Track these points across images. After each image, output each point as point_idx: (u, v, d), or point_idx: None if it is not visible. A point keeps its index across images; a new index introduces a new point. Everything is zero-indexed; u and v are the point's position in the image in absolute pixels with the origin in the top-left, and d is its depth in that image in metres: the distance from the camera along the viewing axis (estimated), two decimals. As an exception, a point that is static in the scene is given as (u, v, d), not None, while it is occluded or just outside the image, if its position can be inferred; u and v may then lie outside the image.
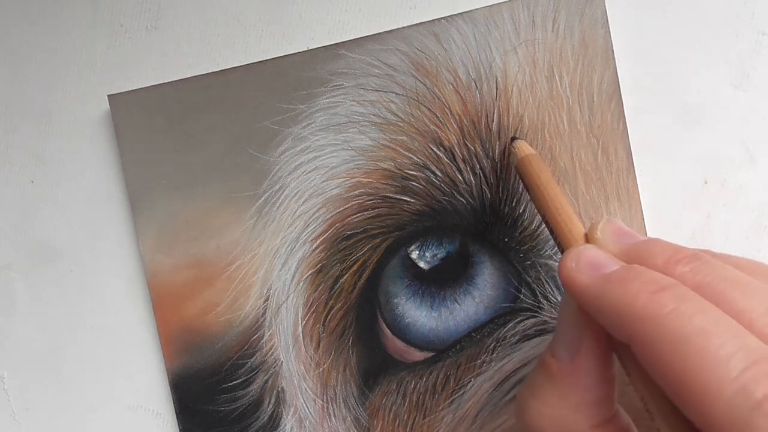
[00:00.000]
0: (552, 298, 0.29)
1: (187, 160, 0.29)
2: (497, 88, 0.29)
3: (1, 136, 0.31)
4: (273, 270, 0.29)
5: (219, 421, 0.29)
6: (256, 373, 0.29)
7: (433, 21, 0.29)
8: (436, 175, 0.29)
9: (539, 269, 0.29)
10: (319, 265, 0.29)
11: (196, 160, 0.29)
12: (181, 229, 0.29)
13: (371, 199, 0.29)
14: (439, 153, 0.29)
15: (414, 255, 0.29)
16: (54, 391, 0.31)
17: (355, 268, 0.29)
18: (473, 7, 0.29)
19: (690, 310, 0.17)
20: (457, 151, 0.29)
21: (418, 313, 0.29)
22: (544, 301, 0.29)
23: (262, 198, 0.29)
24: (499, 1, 0.29)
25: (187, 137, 0.30)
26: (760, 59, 0.29)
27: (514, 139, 0.28)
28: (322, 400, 0.29)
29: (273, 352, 0.29)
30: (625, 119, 0.29)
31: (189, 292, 0.29)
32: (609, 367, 0.21)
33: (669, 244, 0.20)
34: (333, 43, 0.29)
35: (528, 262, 0.29)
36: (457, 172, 0.29)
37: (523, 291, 0.29)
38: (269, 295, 0.29)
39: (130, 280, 0.30)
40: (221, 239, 0.29)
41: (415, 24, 0.29)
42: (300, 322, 0.29)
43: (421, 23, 0.29)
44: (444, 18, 0.29)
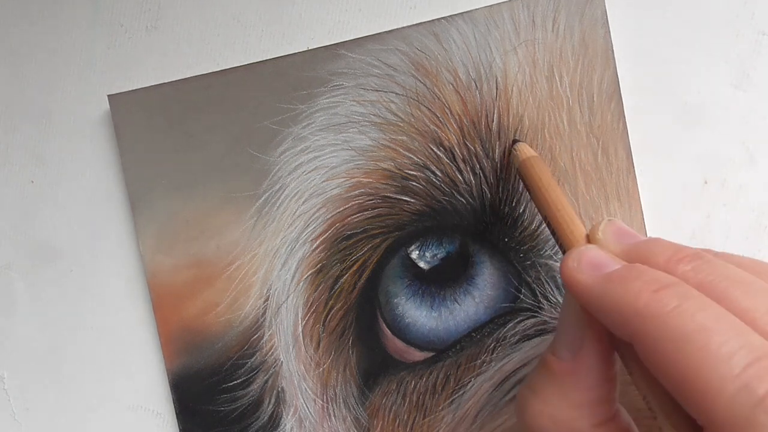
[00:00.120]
0: (552, 298, 0.29)
1: (187, 160, 0.29)
2: (497, 88, 0.29)
3: (1, 136, 0.31)
4: (273, 270, 0.29)
5: (219, 421, 0.29)
6: (256, 373, 0.29)
7: (433, 21, 0.29)
8: (436, 175, 0.29)
9: (539, 269, 0.29)
10: (319, 265, 0.29)
11: (196, 160, 0.29)
12: (181, 229, 0.29)
13: (371, 199, 0.29)
14: (439, 153, 0.29)
15: (414, 255, 0.29)
16: (54, 391, 0.31)
17: (355, 268, 0.29)
18: (473, 7, 0.29)
19: (692, 307, 0.17)
20: (457, 151, 0.29)
21: (418, 313, 0.29)
22: (544, 301, 0.29)
23: (262, 198, 0.29)
24: (499, 1, 0.29)
25: (187, 137, 0.30)
26: (760, 59, 0.29)
27: (515, 141, 0.28)
28: (322, 400, 0.29)
29: (273, 352, 0.29)
30: (625, 119, 0.29)
31: (189, 292, 0.29)
32: (611, 367, 0.21)
33: (670, 243, 0.20)
34: (333, 43, 0.29)
35: (528, 262, 0.29)
36: (457, 172, 0.29)
37: (523, 291, 0.29)
38: (269, 295, 0.29)
39: (130, 280, 0.30)
40: (221, 239, 0.29)
41: (415, 24, 0.29)
42: (300, 322, 0.29)
43: (421, 23, 0.29)
44: (444, 18, 0.29)
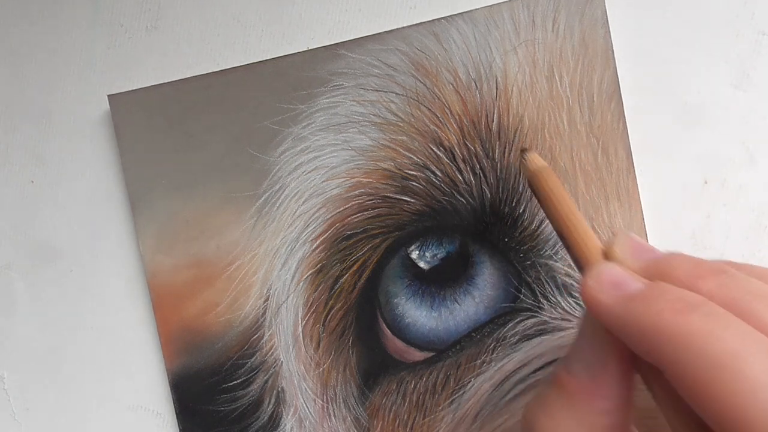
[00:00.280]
0: (552, 298, 0.29)
1: (187, 160, 0.29)
2: (497, 88, 0.29)
3: (1, 136, 0.31)
4: (273, 270, 0.29)
5: (219, 421, 0.29)
6: (256, 373, 0.29)
7: (433, 21, 0.29)
8: (436, 175, 0.29)
9: (539, 269, 0.29)
10: (319, 265, 0.29)
11: (196, 160, 0.29)
12: (181, 229, 0.29)
13: (371, 199, 0.29)
14: (439, 153, 0.29)
15: (414, 255, 0.29)
16: (54, 391, 0.31)
17: (355, 268, 0.29)
18: (473, 7, 0.29)
19: (720, 329, 0.16)
20: (457, 151, 0.29)
21: (418, 313, 0.29)
22: (544, 301, 0.29)
23: (262, 198, 0.29)
24: (499, 1, 0.29)
25: (187, 137, 0.30)
26: (760, 59, 0.29)
27: (524, 150, 0.27)
28: (322, 400, 0.29)
29: (273, 352, 0.29)
30: (625, 119, 0.29)
31: (189, 292, 0.29)
32: (630, 390, 0.20)
33: (691, 257, 0.20)
34: (333, 43, 0.29)
35: (528, 262, 0.29)
36: (457, 172, 0.29)
37: (523, 291, 0.29)
38: (269, 295, 0.29)
39: (130, 280, 0.30)
40: (221, 239, 0.29)
41: (415, 24, 0.29)
42: (300, 322, 0.29)
43: (421, 23, 0.29)
44: (444, 18, 0.29)
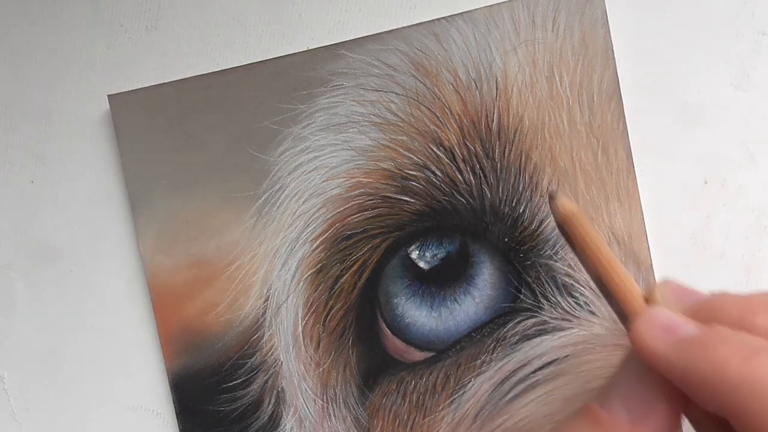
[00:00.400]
0: (552, 298, 0.29)
1: (187, 160, 0.29)
2: (497, 88, 0.29)
3: (1, 136, 0.31)
4: (273, 270, 0.29)
5: (219, 421, 0.29)
6: (256, 373, 0.29)
7: (433, 21, 0.29)
8: (436, 175, 0.29)
9: (539, 269, 0.29)
10: (319, 265, 0.29)
11: (196, 160, 0.29)
12: (181, 229, 0.29)
13: (371, 199, 0.29)
14: (439, 153, 0.29)
15: (414, 255, 0.29)
16: (54, 391, 0.31)
17: (355, 268, 0.29)
18: (473, 7, 0.29)
19: None
20: (457, 151, 0.29)
21: (418, 313, 0.29)
22: (544, 301, 0.29)
23: (262, 198, 0.29)
24: (499, 1, 0.29)
25: (187, 137, 0.30)
26: (760, 59, 0.29)
27: (553, 194, 0.27)
28: (322, 400, 0.29)
29: (273, 352, 0.29)
30: (625, 119, 0.29)
31: (189, 292, 0.29)
32: None
33: (736, 295, 0.19)
34: (333, 43, 0.29)
35: (528, 262, 0.29)
36: (457, 172, 0.29)
37: (523, 291, 0.29)
38: (269, 295, 0.29)
39: (130, 280, 0.30)
40: (221, 239, 0.29)
41: (415, 24, 0.29)
42: (300, 322, 0.29)
43: (421, 23, 0.29)
44: (444, 18, 0.29)
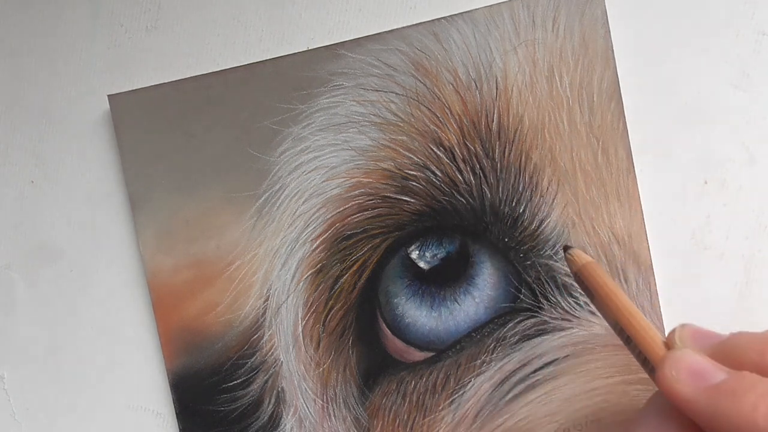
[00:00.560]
0: (552, 298, 0.29)
1: (187, 160, 0.29)
2: (497, 88, 0.29)
3: (1, 136, 0.31)
4: (273, 270, 0.29)
5: (219, 421, 0.29)
6: (256, 373, 0.29)
7: (433, 21, 0.29)
8: (436, 175, 0.29)
9: (539, 269, 0.29)
10: (319, 265, 0.29)
11: (196, 160, 0.29)
12: (181, 229, 0.29)
13: (371, 199, 0.29)
14: (439, 153, 0.29)
15: (414, 255, 0.29)
16: (54, 391, 0.31)
17: (355, 268, 0.29)
18: (473, 7, 0.29)
19: None
20: (457, 151, 0.29)
21: (418, 313, 0.29)
22: (544, 301, 0.29)
23: (262, 198, 0.29)
24: (499, 1, 0.29)
25: (187, 137, 0.30)
26: (760, 59, 0.29)
27: (567, 248, 0.27)
28: (322, 400, 0.29)
29: (273, 352, 0.29)
30: (625, 119, 0.29)
31: (189, 292, 0.29)
32: None
33: (754, 334, 0.20)
34: (333, 43, 0.29)
35: (528, 262, 0.29)
36: (457, 172, 0.29)
37: (523, 291, 0.29)
38: (269, 295, 0.29)
39: (130, 280, 0.30)
40: (221, 239, 0.29)
41: (415, 24, 0.29)
42: (300, 322, 0.29)
43: (421, 23, 0.29)
44: (444, 18, 0.29)
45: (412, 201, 0.29)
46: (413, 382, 0.29)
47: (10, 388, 0.31)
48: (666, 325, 0.29)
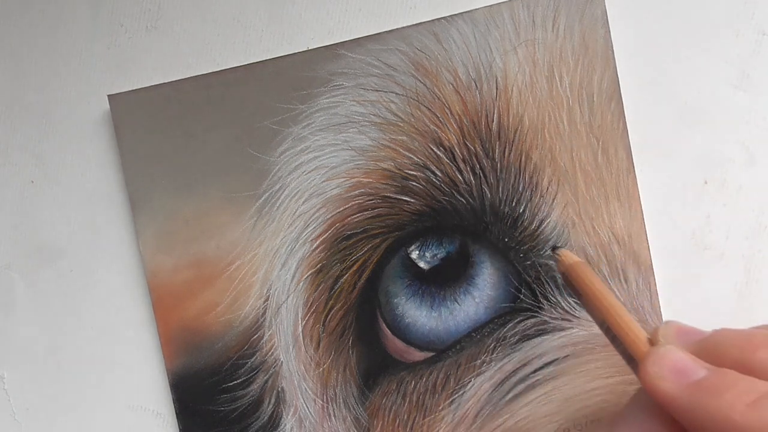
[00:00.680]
0: (552, 298, 0.29)
1: (187, 160, 0.29)
2: (497, 88, 0.29)
3: (1, 136, 0.31)
4: (273, 270, 0.29)
5: (219, 421, 0.29)
6: (256, 373, 0.29)
7: (433, 21, 0.29)
8: (436, 175, 0.29)
9: (539, 269, 0.29)
10: (319, 265, 0.29)
11: (196, 160, 0.29)
12: (181, 229, 0.29)
13: (371, 199, 0.29)
14: (439, 153, 0.29)
15: (414, 255, 0.29)
16: (54, 391, 0.31)
17: (355, 268, 0.29)
18: (473, 7, 0.29)
19: None
20: (457, 151, 0.29)
21: (418, 313, 0.29)
22: (544, 301, 0.29)
23: (262, 198, 0.29)
24: (499, 1, 0.29)
25: (187, 137, 0.30)
26: (760, 59, 0.29)
27: (556, 248, 0.28)
28: (322, 400, 0.29)
29: (273, 352, 0.29)
30: (625, 119, 0.29)
31: (189, 292, 0.29)
32: None
33: (737, 331, 0.20)
34: (333, 43, 0.29)
35: (528, 262, 0.29)
36: (457, 172, 0.29)
37: (523, 291, 0.29)
38: (269, 295, 0.29)
39: (130, 280, 0.30)
40: (221, 239, 0.29)
41: (415, 24, 0.29)
42: (300, 322, 0.29)
43: (421, 23, 0.29)
44: (444, 18, 0.29)
45: (412, 201, 0.29)
46: (413, 382, 0.29)
47: (10, 388, 0.31)
48: (666, 325, 0.29)
